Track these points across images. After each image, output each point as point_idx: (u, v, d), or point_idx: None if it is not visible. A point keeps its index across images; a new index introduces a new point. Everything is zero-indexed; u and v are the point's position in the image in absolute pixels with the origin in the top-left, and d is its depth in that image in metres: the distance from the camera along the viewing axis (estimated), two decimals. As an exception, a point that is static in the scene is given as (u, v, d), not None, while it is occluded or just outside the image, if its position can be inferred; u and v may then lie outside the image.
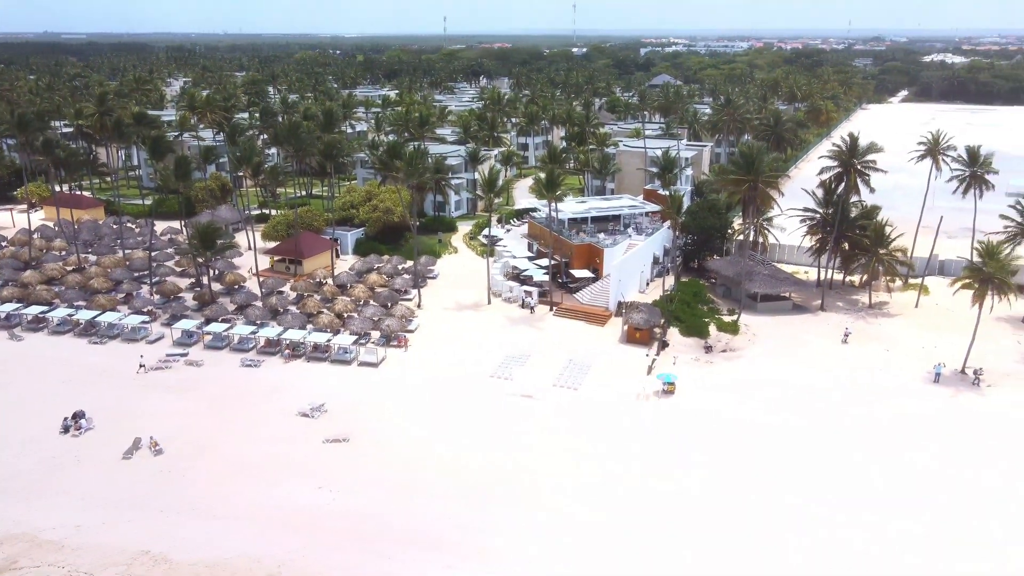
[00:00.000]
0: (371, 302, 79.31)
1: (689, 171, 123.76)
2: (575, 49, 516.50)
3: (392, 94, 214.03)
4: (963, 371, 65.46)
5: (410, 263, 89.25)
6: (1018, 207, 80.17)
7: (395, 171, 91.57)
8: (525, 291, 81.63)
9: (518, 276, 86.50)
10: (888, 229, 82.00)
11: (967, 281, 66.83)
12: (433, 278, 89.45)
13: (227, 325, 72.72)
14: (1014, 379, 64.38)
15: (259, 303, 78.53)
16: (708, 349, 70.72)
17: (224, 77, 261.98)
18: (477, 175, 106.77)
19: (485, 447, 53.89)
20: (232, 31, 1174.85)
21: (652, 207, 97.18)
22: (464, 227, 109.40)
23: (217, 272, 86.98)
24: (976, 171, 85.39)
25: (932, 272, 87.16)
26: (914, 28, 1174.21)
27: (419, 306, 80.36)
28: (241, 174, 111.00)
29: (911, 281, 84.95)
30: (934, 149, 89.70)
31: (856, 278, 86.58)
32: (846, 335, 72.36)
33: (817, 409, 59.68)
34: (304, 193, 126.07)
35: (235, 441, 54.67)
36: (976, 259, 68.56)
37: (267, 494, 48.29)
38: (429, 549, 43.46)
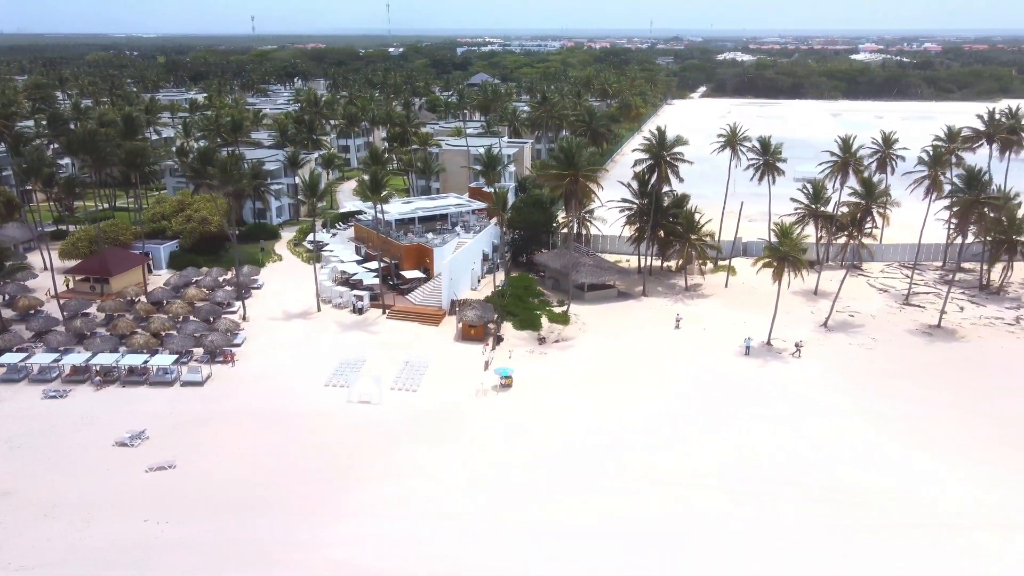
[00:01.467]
0: (191, 318, 74.65)
1: (512, 168, 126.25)
2: (391, 49, 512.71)
3: (200, 97, 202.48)
4: (768, 343, 71.42)
5: (232, 274, 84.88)
6: (805, 191, 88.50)
7: (209, 179, 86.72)
8: (356, 295, 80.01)
9: (347, 281, 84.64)
10: (698, 216, 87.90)
11: (767, 260, 72.87)
12: (258, 288, 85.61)
13: (24, 355, 65.76)
14: (809, 345, 71.01)
15: (61, 328, 71.68)
16: (542, 341, 72.58)
17: (2, 81, 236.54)
18: (298, 179, 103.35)
19: (323, 457, 52.27)
20: (9, 30, 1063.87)
21: (478, 204, 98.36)
22: (288, 234, 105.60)
23: (7, 297, 78.52)
24: (768, 159, 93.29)
25: (738, 254, 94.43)
26: (708, 29, 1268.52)
27: (244, 318, 76.62)
28: (30, 187, 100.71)
29: (720, 263, 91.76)
30: (732, 140, 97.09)
31: (673, 263, 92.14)
32: (678, 321, 76.68)
33: (649, 384, 62.93)
34: (107, 206, 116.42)
35: (42, 482, 49.50)
36: (773, 240, 75.04)
37: (84, 535, 44.13)
38: (272, 570, 41.55)
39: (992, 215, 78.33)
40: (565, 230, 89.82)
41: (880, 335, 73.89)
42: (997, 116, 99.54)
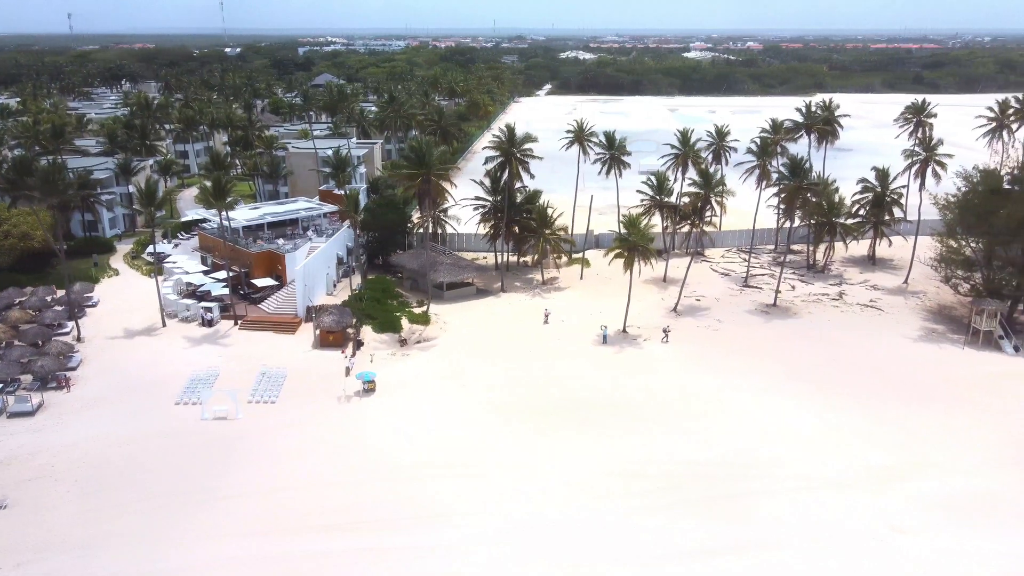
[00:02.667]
0: (16, 342, 68.30)
1: (362, 169, 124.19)
2: (228, 49, 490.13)
3: (13, 102, 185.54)
4: (624, 330, 74.16)
5: (62, 292, 78.35)
6: (649, 183, 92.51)
7: (28, 190, 79.53)
8: (204, 307, 76.00)
9: (194, 293, 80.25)
10: (550, 211, 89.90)
11: (618, 251, 75.54)
12: (93, 306, 79.54)
13: None
14: (659, 331, 74.43)
15: None
16: (403, 342, 71.81)
17: None
18: (132, 188, 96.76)
19: (178, 479, 49.25)
20: None
21: (329, 207, 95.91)
22: (124, 246, 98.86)
23: None
24: (614, 153, 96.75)
25: (590, 246, 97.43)
26: (550, 28, 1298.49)
27: (79, 339, 70.97)
28: None
29: (575, 256, 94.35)
30: (579, 136, 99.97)
31: (529, 258, 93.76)
32: (546, 315, 77.88)
33: (512, 378, 63.66)
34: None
35: None
36: (622, 231, 77.96)
37: (-101, 594, 39.42)
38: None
39: (814, 200, 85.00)
40: (421, 230, 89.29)
41: (724, 316, 78.48)
42: (813, 109, 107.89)
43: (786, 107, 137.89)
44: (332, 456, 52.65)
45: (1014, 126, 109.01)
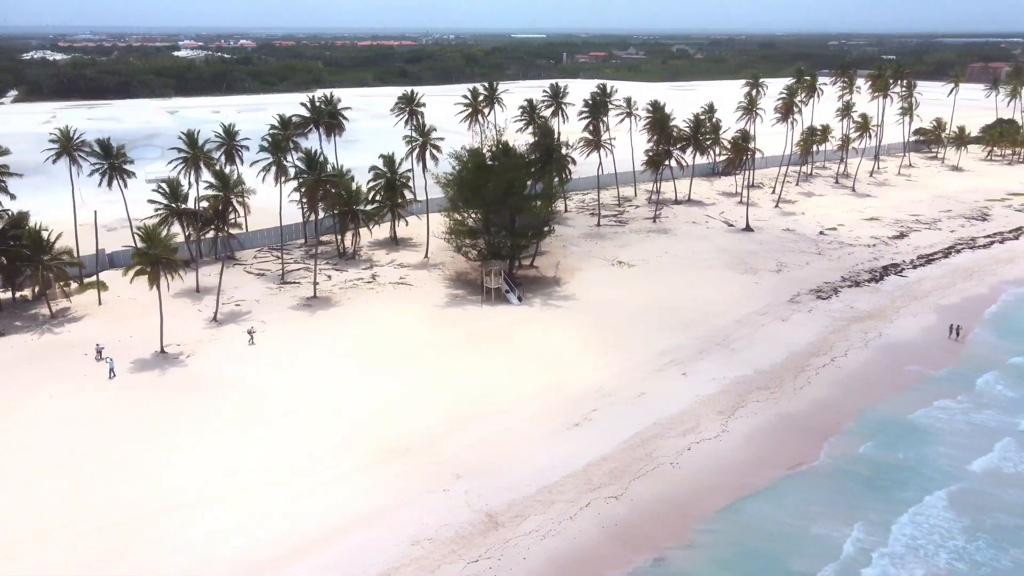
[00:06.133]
0: None
1: None
2: None
3: None
4: (162, 351, 68.23)
5: None
6: (161, 191, 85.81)
7: None
8: None
9: None
10: (45, 233, 77.83)
11: (139, 267, 68.90)
12: None
13: None
14: (204, 343, 70.40)
15: None
16: None
17: None
18: None
19: None
20: None
21: None
22: None
23: None
24: (113, 163, 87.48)
25: (104, 267, 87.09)
26: (2, 24, 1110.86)
27: None
28: None
29: (88, 280, 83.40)
30: (67, 146, 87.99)
31: (28, 292, 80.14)
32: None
33: (64, 419, 54.06)
34: None
35: None
36: (141, 245, 71.19)
37: None
38: None
39: (334, 191, 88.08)
40: None
41: (268, 316, 77.22)
42: (318, 104, 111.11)
43: (291, 103, 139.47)
44: None
45: (486, 111, 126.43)
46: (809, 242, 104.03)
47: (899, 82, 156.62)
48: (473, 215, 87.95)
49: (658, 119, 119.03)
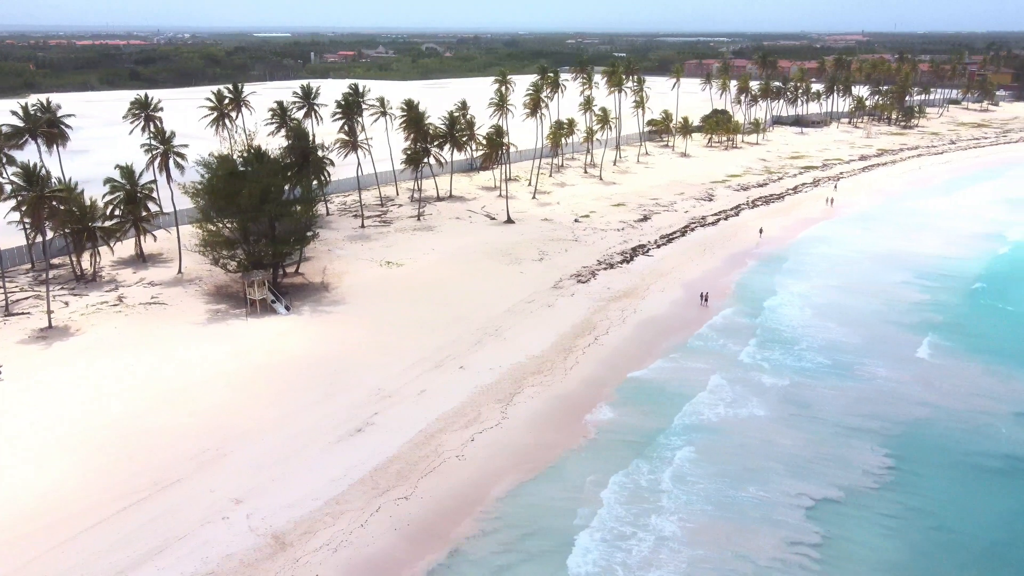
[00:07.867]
0: None
1: None
2: None
3: None
4: None
5: None
6: None
7: None
8: None
9: None
10: None
11: None
12: None
13: None
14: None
15: None
16: None
17: None
18: None
19: None
20: None
21: None
22: None
23: None
24: None
25: None
26: None
27: None
28: None
29: None
30: None
31: None
32: None
33: None
34: None
35: None
36: None
37: None
38: None
39: (63, 208, 78.97)
40: None
41: (-8, 355, 67.56)
42: (32, 111, 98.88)
43: (1, 111, 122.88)
44: None
45: (233, 114, 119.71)
46: (566, 230, 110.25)
47: (631, 77, 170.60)
48: (229, 224, 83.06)
49: (413, 117, 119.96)
